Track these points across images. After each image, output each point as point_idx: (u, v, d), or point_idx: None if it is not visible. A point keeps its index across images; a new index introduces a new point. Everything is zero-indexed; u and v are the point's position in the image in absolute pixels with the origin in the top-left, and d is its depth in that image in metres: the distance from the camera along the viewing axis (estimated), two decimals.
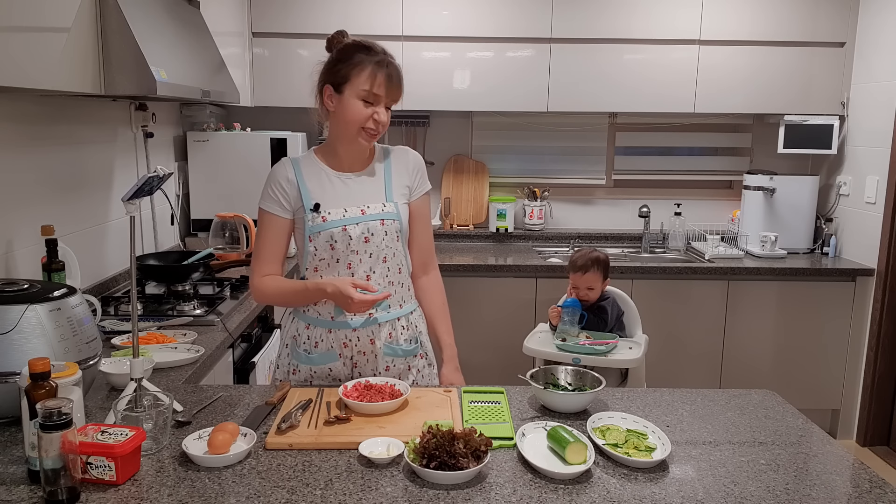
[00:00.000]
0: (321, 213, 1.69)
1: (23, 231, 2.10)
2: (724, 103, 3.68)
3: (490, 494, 1.19)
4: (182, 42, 2.36)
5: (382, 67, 1.63)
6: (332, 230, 1.68)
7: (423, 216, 1.85)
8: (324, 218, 1.68)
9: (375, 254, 1.71)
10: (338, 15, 3.52)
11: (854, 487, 1.26)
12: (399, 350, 1.78)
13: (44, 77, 1.63)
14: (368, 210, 1.71)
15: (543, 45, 3.60)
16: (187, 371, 1.79)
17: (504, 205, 3.95)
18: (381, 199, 1.74)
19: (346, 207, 1.70)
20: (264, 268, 1.73)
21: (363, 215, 1.70)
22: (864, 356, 3.59)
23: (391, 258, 1.74)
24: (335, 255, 1.70)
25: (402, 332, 1.79)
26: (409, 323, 1.81)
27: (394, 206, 1.74)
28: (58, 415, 1.11)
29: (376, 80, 1.63)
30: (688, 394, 1.68)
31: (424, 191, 1.83)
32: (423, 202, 1.84)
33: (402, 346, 1.78)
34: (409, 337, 1.80)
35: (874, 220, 3.53)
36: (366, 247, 1.70)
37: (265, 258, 1.73)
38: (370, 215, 1.70)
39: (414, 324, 1.82)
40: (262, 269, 1.73)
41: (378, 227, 1.70)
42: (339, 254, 1.70)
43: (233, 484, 1.21)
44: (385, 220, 1.71)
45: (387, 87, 1.64)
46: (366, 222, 1.70)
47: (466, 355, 3.49)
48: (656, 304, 3.49)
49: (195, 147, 3.35)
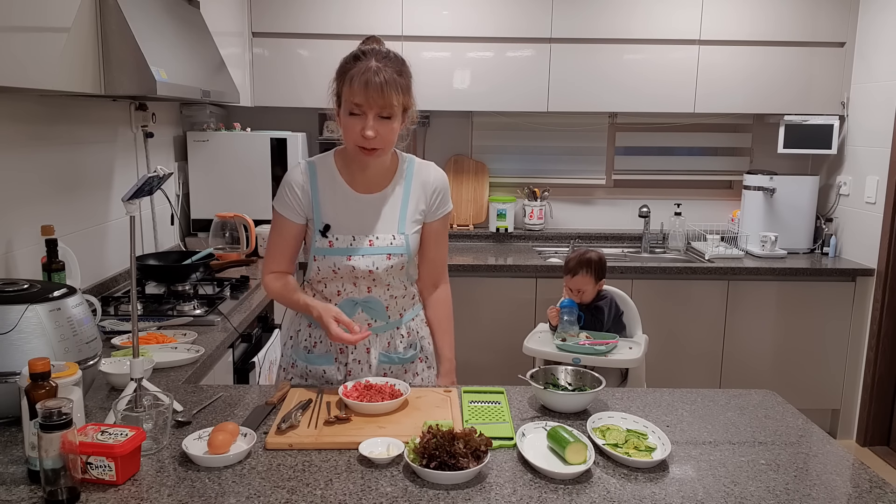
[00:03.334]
0: (328, 237, 1.65)
1: (23, 231, 2.10)
2: (724, 103, 3.68)
3: (490, 494, 1.19)
4: (182, 42, 2.36)
5: (362, 73, 1.50)
6: (336, 258, 1.65)
7: (439, 235, 1.77)
8: (330, 243, 1.65)
9: (378, 279, 1.69)
10: (338, 15, 3.52)
11: (854, 487, 1.26)
12: (396, 358, 1.76)
13: (44, 77, 1.63)
14: (377, 242, 1.65)
15: (543, 45, 3.60)
16: (187, 371, 1.79)
17: (504, 205, 3.95)
18: (393, 229, 1.67)
19: (354, 235, 1.66)
20: (273, 264, 1.73)
21: (370, 247, 1.65)
22: (864, 356, 3.59)
23: (394, 283, 1.72)
24: (337, 276, 1.68)
25: (402, 341, 1.77)
26: (410, 330, 1.79)
27: (404, 240, 1.67)
28: (58, 415, 1.11)
29: (353, 89, 1.51)
30: (688, 394, 1.68)
31: (444, 213, 1.75)
32: (441, 223, 1.76)
33: (399, 354, 1.76)
34: (409, 343, 1.78)
35: (874, 220, 3.53)
36: (368, 275, 1.67)
37: (275, 256, 1.73)
38: (378, 248, 1.65)
39: (415, 330, 1.80)
40: (271, 266, 1.73)
41: (384, 261, 1.66)
42: (339, 277, 1.68)
43: (233, 484, 1.21)
44: (392, 255, 1.66)
45: (365, 94, 1.49)
46: (372, 255, 1.65)
47: (466, 355, 3.50)
48: (656, 304, 3.49)
49: (195, 147, 3.35)
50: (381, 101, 1.51)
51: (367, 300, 1.70)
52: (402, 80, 1.56)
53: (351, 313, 1.68)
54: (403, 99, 1.56)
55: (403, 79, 1.56)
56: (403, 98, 1.56)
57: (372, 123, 1.53)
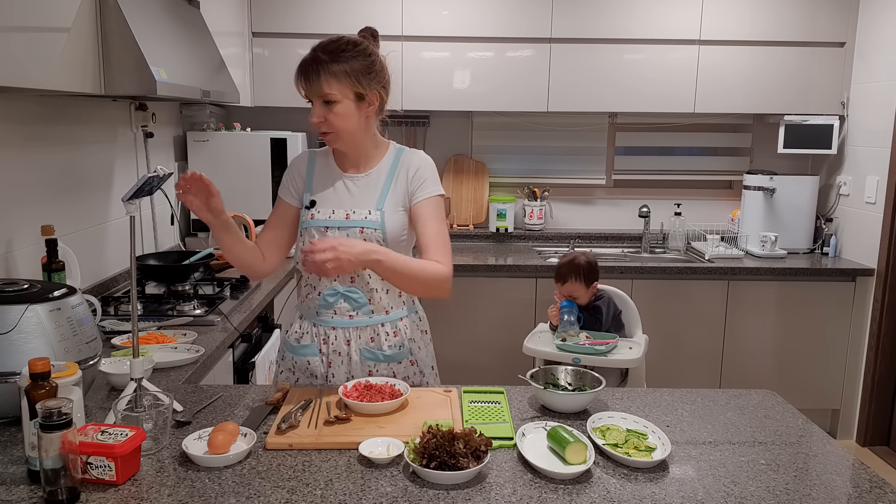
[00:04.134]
0: (312, 210, 1.73)
1: (23, 231, 2.10)
2: (724, 103, 3.68)
3: (490, 494, 1.19)
4: (182, 42, 2.36)
5: (300, 66, 1.61)
6: (313, 229, 1.72)
7: (427, 216, 1.73)
8: (312, 215, 1.73)
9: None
10: (337, 15, 3.53)
11: (854, 487, 1.26)
12: (380, 355, 1.75)
13: (44, 77, 1.63)
14: (353, 216, 1.70)
15: (543, 45, 3.60)
16: (187, 371, 1.79)
17: (504, 205, 3.95)
18: (371, 205, 1.71)
19: (334, 209, 1.72)
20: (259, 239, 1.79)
21: (346, 220, 1.70)
22: (864, 356, 3.59)
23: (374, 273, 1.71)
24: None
25: (387, 339, 1.76)
26: (397, 329, 1.77)
27: (379, 216, 1.70)
28: (58, 415, 1.11)
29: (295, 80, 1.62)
30: (688, 394, 1.68)
31: (429, 195, 1.72)
32: (428, 205, 1.72)
33: (383, 352, 1.76)
34: (395, 343, 1.77)
35: (874, 220, 3.53)
36: None
37: (261, 237, 1.80)
38: (352, 221, 1.70)
39: (402, 330, 1.78)
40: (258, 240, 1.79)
41: (357, 234, 1.69)
42: None
43: (233, 484, 1.21)
44: (365, 229, 1.69)
45: (302, 83, 1.61)
46: (347, 228, 1.70)
47: (466, 355, 3.51)
48: (656, 304, 3.49)
49: (195, 147, 3.35)
50: (315, 89, 1.59)
51: (349, 290, 1.73)
52: (339, 66, 1.58)
53: (333, 302, 1.73)
54: (341, 84, 1.58)
55: (341, 65, 1.58)
56: (341, 83, 1.58)
57: (316, 110, 1.63)
